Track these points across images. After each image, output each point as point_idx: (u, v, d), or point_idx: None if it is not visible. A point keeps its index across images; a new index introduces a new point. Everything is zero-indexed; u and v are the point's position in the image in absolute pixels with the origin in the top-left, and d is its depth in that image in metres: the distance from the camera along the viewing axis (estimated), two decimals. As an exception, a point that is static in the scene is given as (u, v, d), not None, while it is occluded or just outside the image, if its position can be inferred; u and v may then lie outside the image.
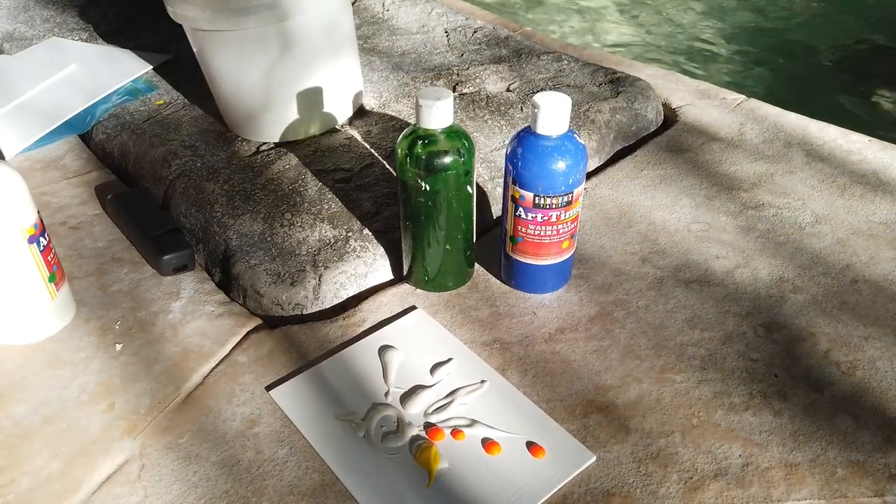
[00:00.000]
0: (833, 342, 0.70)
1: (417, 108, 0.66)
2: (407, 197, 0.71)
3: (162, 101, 1.06)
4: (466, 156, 0.69)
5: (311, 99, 0.93)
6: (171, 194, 0.90)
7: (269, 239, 0.81)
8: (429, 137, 0.68)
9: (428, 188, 0.69)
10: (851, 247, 0.81)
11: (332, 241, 0.80)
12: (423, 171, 0.68)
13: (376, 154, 0.93)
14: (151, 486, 0.59)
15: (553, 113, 0.65)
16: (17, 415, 0.65)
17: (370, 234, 0.81)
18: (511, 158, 0.69)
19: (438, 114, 0.66)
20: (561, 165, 0.67)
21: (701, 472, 0.59)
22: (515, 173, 0.69)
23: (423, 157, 0.68)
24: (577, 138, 0.69)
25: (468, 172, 0.70)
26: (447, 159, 0.68)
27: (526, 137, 0.68)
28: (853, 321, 0.72)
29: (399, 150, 0.69)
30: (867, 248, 0.81)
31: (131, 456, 0.61)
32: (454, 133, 0.69)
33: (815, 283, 0.77)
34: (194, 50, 0.93)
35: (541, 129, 0.67)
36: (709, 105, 1.08)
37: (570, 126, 0.69)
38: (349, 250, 0.79)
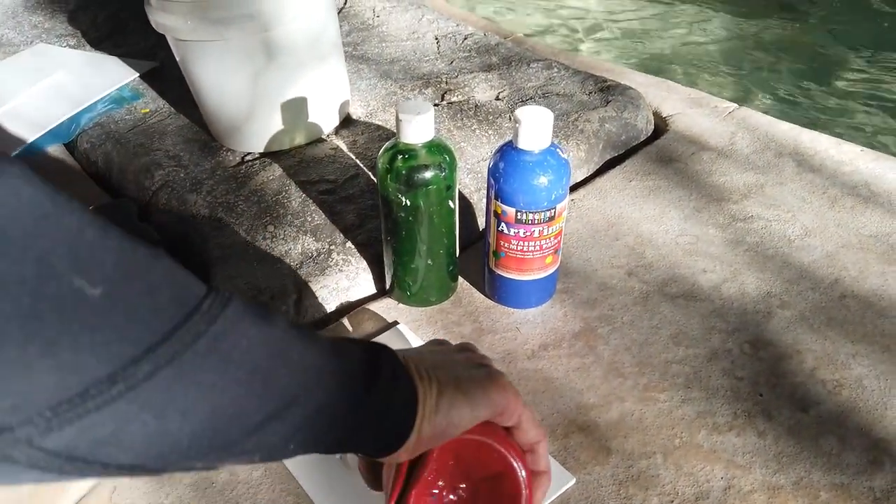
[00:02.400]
0: (820, 360, 0.69)
1: (398, 121, 0.65)
2: (388, 211, 0.70)
3: (147, 110, 1.05)
4: (448, 171, 0.68)
5: (296, 109, 0.92)
6: (154, 205, 0.89)
7: (250, 251, 0.80)
8: (409, 152, 0.67)
9: (409, 203, 0.68)
10: (841, 261, 0.80)
11: (315, 254, 0.79)
12: (404, 186, 0.67)
13: (361, 165, 0.92)
14: (124, 509, 0.58)
15: (535, 128, 0.64)
16: (-9, 433, 0.64)
17: (353, 247, 0.80)
18: (493, 173, 0.68)
19: (418, 128, 0.65)
20: (543, 181, 0.66)
21: (682, 496, 0.58)
22: (497, 188, 0.68)
23: (404, 172, 0.67)
24: (560, 153, 0.68)
25: (450, 187, 0.69)
26: (428, 174, 0.67)
27: (508, 152, 0.67)
28: (840, 338, 0.71)
29: (379, 165, 0.68)
30: (856, 263, 0.80)
31: (104, 477, 0.60)
32: (435, 147, 0.67)
33: (803, 299, 0.76)
34: (177, 59, 0.92)
35: (522, 143, 0.65)
36: (700, 114, 1.07)
37: (556, 137, 0.67)
38: (331, 264, 0.78)
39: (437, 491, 0.42)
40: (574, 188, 0.93)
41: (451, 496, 0.42)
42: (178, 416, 0.25)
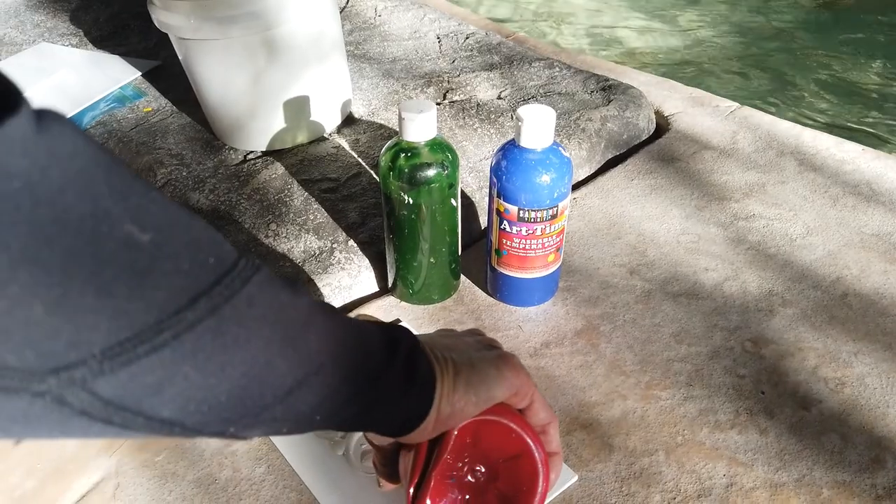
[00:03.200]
0: (822, 358, 0.69)
1: (400, 120, 0.66)
2: (391, 209, 0.70)
3: (150, 109, 1.06)
4: (450, 169, 0.68)
5: (298, 107, 0.92)
6: (157, 204, 0.89)
7: (252, 250, 0.80)
8: (412, 150, 0.67)
9: (411, 201, 0.68)
10: (843, 259, 0.80)
11: (317, 252, 0.79)
12: (407, 184, 0.67)
13: (364, 163, 0.92)
14: (127, 505, 0.58)
15: (537, 126, 0.65)
16: (-6, 430, 0.64)
17: (355, 245, 0.80)
18: (495, 171, 0.68)
19: (421, 126, 0.65)
20: (545, 179, 0.66)
21: (684, 493, 0.58)
22: (499, 186, 0.68)
23: (406, 170, 0.67)
24: (563, 151, 0.68)
25: (452, 185, 0.69)
26: (430, 172, 0.67)
27: (510, 150, 0.67)
28: (842, 336, 0.71)
29: (382, 163, 0.69)
30: (858, 261, 0.80)
31: (107, 474, 0.60)
32: (438, 145, 0.68)
33: (805, 297, 0.76)
34: (180, 58, 0.92)
35: (525, 142, 0.66)
36: (702, 113, 1.07)
37: (557, 136, 0.68)
38: (334, 262, 0.78)
39: (455, 473, 0.42)
40: (576, 187, 0.93)
41: (470, 478, 0.43)
42: (216, 371, 0.26)
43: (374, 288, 0.80)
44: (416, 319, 0.75)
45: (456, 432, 0.40)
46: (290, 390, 0.29)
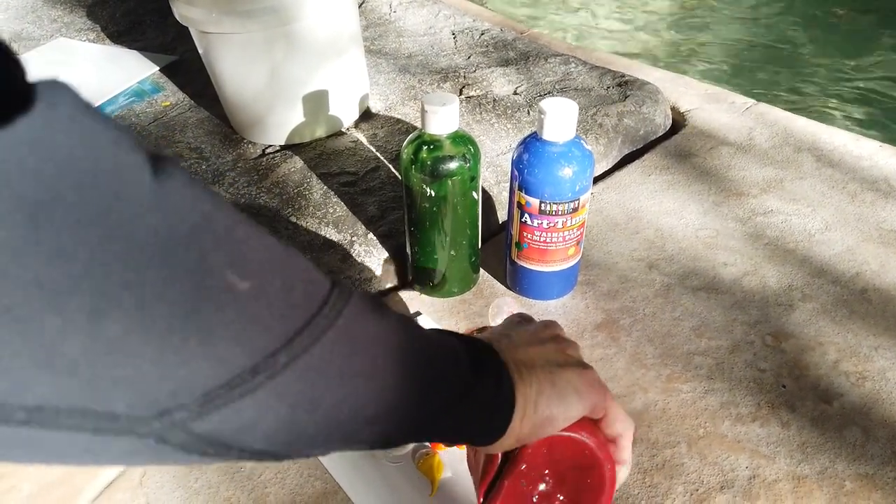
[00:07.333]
0: (842, 352, 0.69)
1: (423, 113, 0.66)
2: (412, 202, 0.71)
3: (168, 103, 1.06)
4: (472, 161, 0.68)
5: (316, 101, 0.92)
6: (176, 197, 0.90)
7: (273, 243, 0.80)
8: (434, 143, 0.67)
9: (433, 194, 0.68)
10: (861, 255, 0.80)
11: (337, 245, 0.79)
12: (429, 177, 0.68)
13: (382, 157, 0.92)
14: (153, 493, 0.59)
15: (560, 119, 0.65)
16: (20, 419, 0.65)
17: (375, 238, 0.80)
18: (517, 164, 0.69)
19: (444, 119, 0.66)
20: (567, 172, 0.66)
21: (707, 485, 0.58)
22: (521, 179, 0.68)
23: (429, 162, 0.67)
24: (584, 145, 0.68)
25: (473, 178, 0.69)
26: (452, 165, 0.67)
27: (532, 143, 0.68)
28: (863, 331, 0.71)
29: (404, 156, 0.69)
30: (877, 256, 0.80)
31: (133, 462, 0.61)
32: (460, 138, 0.68)
33: (825, 292, 0.76)
34: (200, 52, 0.93)
35: (547, 135, 0.66)
36: (718, 109, 1.07)
37: (577, 131, 0.68)
38: (353, 255, 0.78)
39: (525, 479, 0.43)
40: (593, 182, 0.93)
41: (541, 484, 0.43)
42: (306, 407, 0.26)
43: (394, 281, 0.80)
44: (436, 312, 0.75)
45: (532, 445, 0.41)
46: (377, 416, 0.30)
